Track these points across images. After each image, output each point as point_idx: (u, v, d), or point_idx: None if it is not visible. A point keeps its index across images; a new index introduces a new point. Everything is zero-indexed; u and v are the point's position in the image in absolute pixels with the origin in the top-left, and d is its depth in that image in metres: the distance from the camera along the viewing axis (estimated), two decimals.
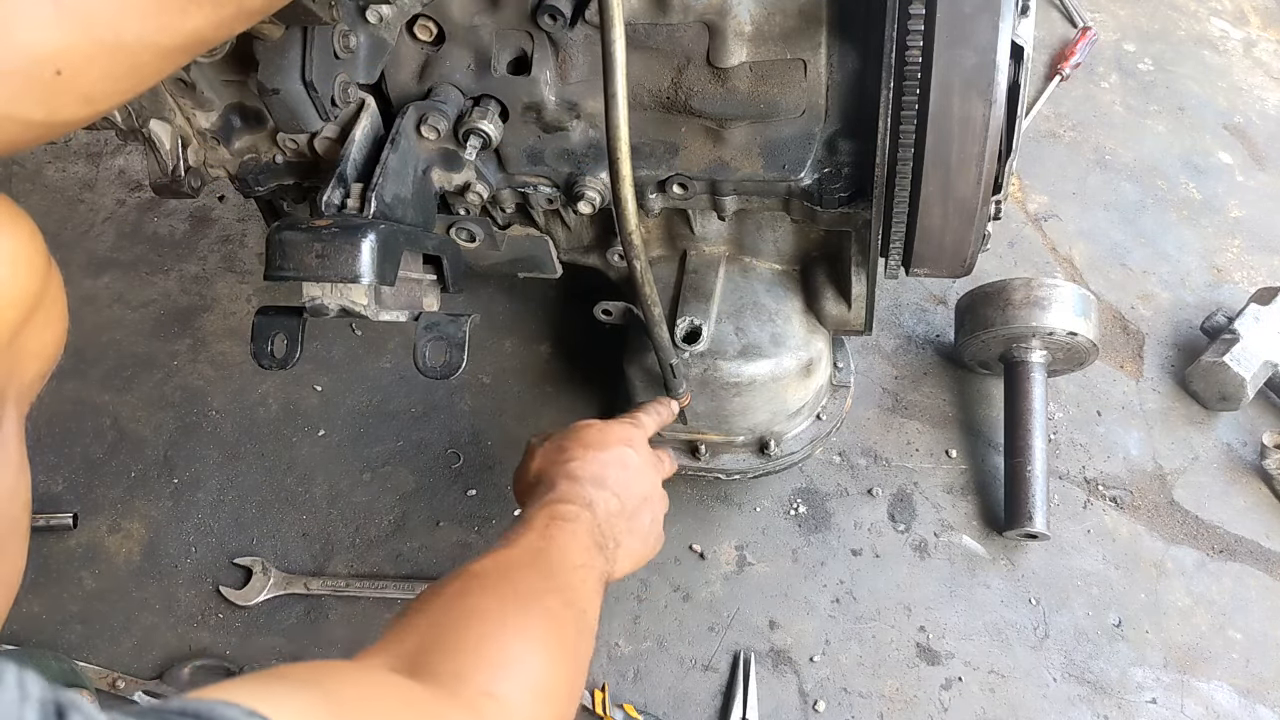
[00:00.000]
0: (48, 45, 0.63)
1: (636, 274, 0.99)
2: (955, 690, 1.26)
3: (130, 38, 0.66)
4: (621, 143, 0.87)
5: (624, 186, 0.91)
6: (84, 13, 0.63)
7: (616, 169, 0.89)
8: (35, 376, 0.82)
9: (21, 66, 0.63)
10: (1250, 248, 1.66)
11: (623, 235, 0.95)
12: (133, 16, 0.66)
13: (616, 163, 0.88)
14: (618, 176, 0.89)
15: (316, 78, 0.98)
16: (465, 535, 1.38)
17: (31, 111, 0.65)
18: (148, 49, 0.68)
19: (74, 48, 0.64)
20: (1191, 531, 1.38)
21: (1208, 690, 1.26)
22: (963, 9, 0.85)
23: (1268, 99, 1.88)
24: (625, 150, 0.87)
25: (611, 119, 0.86)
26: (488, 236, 1.19)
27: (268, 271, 0.88)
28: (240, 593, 1.33)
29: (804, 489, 1.41)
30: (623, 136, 0.86)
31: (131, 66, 0.69)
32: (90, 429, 1.48)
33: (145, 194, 1.76)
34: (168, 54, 0.71)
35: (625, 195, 0.91)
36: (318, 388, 1.52)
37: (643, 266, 0.99)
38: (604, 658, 1.29)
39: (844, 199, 1.04)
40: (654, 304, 1.03)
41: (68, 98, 0.66)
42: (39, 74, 0.63)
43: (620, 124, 0.86)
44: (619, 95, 0.84)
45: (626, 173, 0.89)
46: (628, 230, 0.95)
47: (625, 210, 0.93)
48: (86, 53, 0.65)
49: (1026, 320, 1.34)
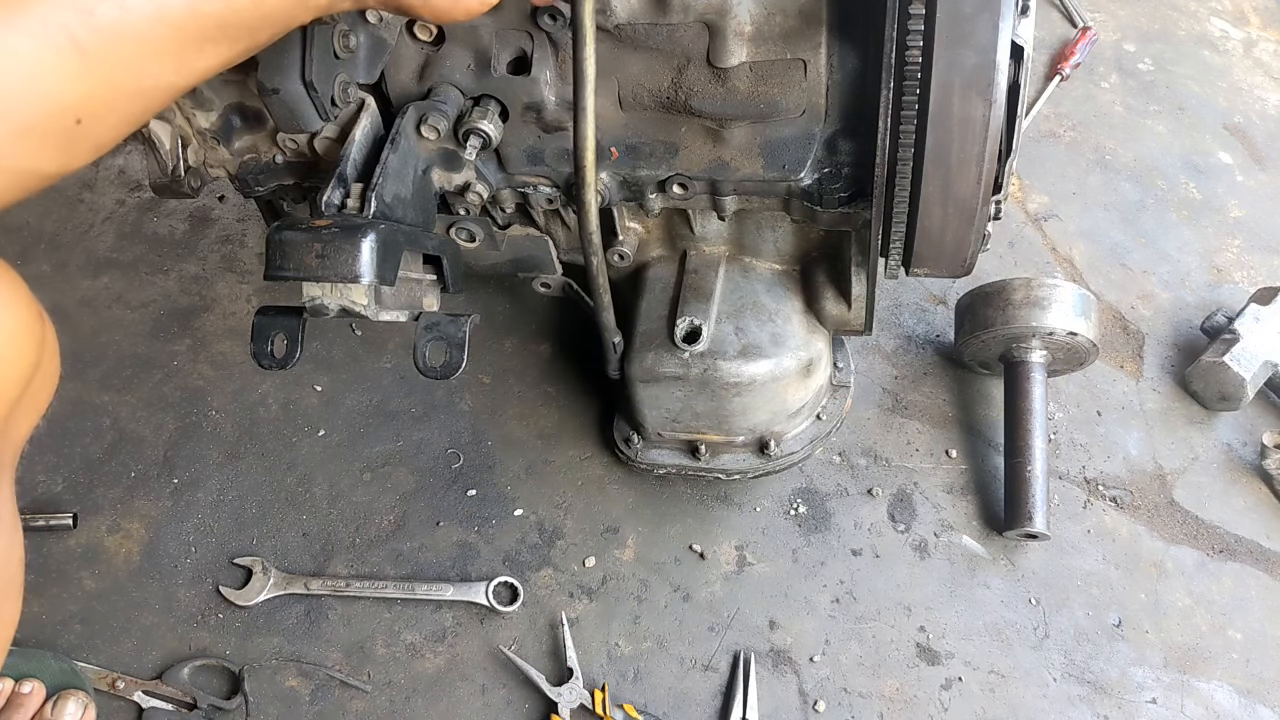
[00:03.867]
0: (73, 96, 0.61)
1: (594, 268, 1.09)
2: (955, 690, 1.26)
3: (149, 82, 0.66)
4: (587, 148, 0.94)
5: (587, 192, 0.98)
6: (110, 61, 0.62)
7: (583, 176, 0.95)
8: (27, 431, 0.81)
9: (44, 120, 0.61)
10: (1250, 248, 1.66)
11: (583, 232, 1.04)
12: (155, 60, 0.65)
13: (583, 170, 0.95)
14: (583, 184, 0.97)
15: (316, 78, 0.98)
16: (465, 535, 1.38)
17: (47, 164, 0.64)
18: (163, 90, 0.68)
19: (97, 97, 0.63)
20: (1191, 531, 1.38)
21: (1208, 690, 1.26)
22: (963, 9, 0.85)
23: (1268, 99, 1.88)
24: (590, 158, 0.95)
25: (580, 131, 0.93)
26: (488, 236, 1.19)
27: (268, 271, 0.88)
28: (240, 593, 1.33)
29: (804, 489, 1.41)
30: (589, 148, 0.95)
31: (146, 109, 0.68)
32: (90, 429, 1.48)
33: (145, 194, 1.76)
34: (179, 92, 0.70)
35: (588, 200, 0.99)
36: (318, 388, 1.52)
37: (599, 261, 1.09)
38: (604, 658, 1.29)
39: (844, 199, 1.04)
40: (604, 290, 1.13)
41: (83, 146, 0.65)
42: (60, 126, 0.62)
43: (587, 136, 0.94)
44: (588, 109, 0.91)
45: (590, 180, 0.97)
46: (589, 229, 1.03)
47: (587, 210, 1.00)
48: (108, 100, 0.64)
49: (1026, 320, 1.34)
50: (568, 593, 1.34)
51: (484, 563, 1.36)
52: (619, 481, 1.42)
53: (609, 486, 1.42)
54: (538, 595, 1.33)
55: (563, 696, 1.24)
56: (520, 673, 1.26)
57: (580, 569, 1.35)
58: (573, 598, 1.33)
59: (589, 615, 1.32)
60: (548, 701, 1.24)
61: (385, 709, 1.26)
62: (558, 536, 1.38)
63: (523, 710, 1.26)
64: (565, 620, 1.30)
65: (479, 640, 1.30)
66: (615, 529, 1.38)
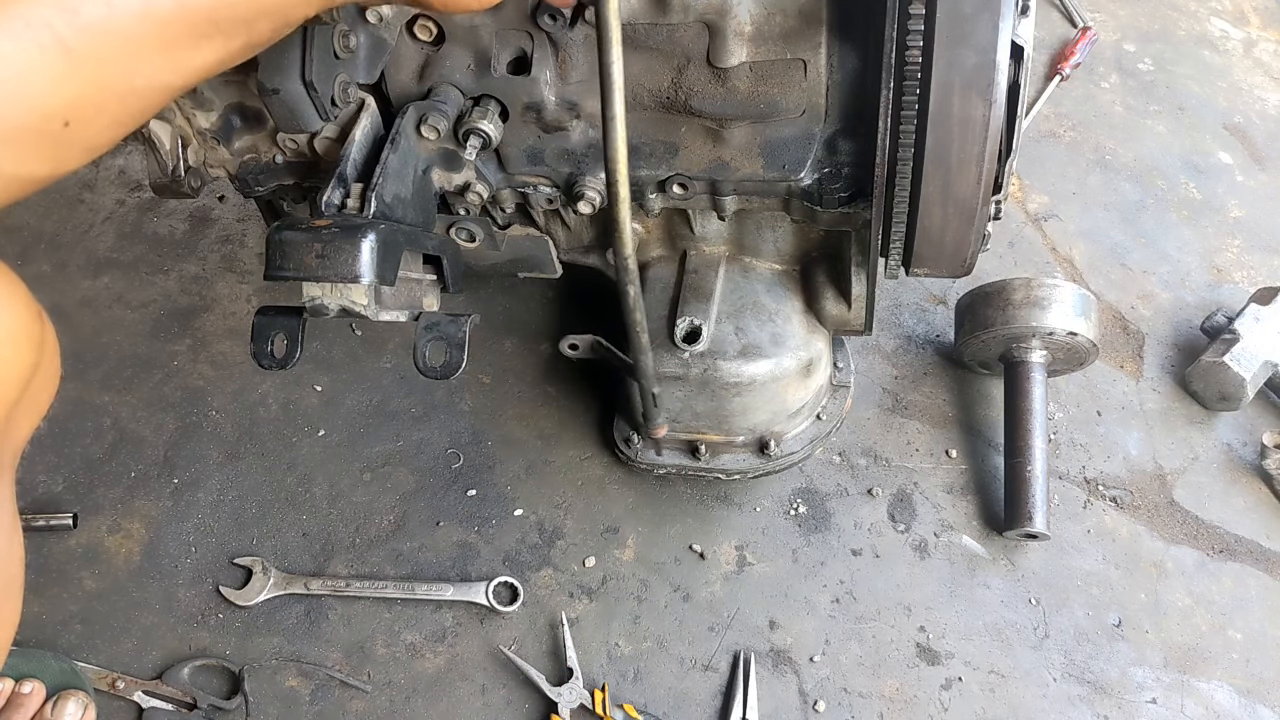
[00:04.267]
0: (59, 98, 0.59)
1: (629, 299, 0.95)
2: (955, 690, 1.26)
3: (141, 81, 0.63)
4: (619, 164, 0.83)
5: (621, 209, 0.87)
6: (97, 60, 0.60)
7: (615, 191, 0.85)
8: (28, 432, 0.80)
9: (31, 123, 0.59)
10: (1250, 248, 1.66)
11: (618, 259, 0.91)
12: (145, 58, 0.63)
13: (615, 185, 0.85)
14: (615, 200, 0.86)
15: (316, 78, 0.98)
16: (465, 535, 1.38)
17: (36, 168, 0.62)
18: (156, 90, 0.65)
19: (85, 98, 0.61)
20: (1191, 531, 1.38)
21: (1208, 690, 1.26)
22: (963, 9, 0.85)
23: (1268, 99, 1.88)
24: (623, 173, 0.84)
25: (610, 141, 0.82)
26: (488, 236, 1.19)
27: (268, 271, 0.88)
28: (240, 593, 1.33)
29: (804, 489, 1.41)
30: (620, 158, 0.83)
31: (139, 109, 0.66)
32: (90, 429, 1.48)
33: (145, 194, 1.76)
34: (175, 92, 0.68)
35: (622, 218, 0.87)
36: (318, 388, 1.52)
37: (635, 293, 0.95)
38: (604, 658, 1.29)
39: (844, 199, 1.04)
40: (642, 330, 0.99)
41: (74, 149, 0.63)
42: (47, 129, 0.60)
43: (619, 147, 0.82)
44: (617, 116, 0.81)
45: (624, 195, 0.86)
46: (624, 254, 0.91)
47: (622, 233, 0.89)
48: (97, 102, 0.62)
49: (1026, 320, 1.34)
50: (568, 593, 1.34)
51: (484, 563, 1.36)
52: (619, 481, 1.42)
53: (609, 486, 1.42)
54: (538, 595, 1.33)
55: (563, 696, 1.24)
56: (520, 673, 1.26)
57: (580, 569, 1.35)
58: (573, 598, 1.33)
59: (589, 615, 1.32)
60: (548, 701, 1.24)
61: (385, 709, 1.26)
62: (558, 536, 1.38)
63: (523, 710, 1.26)
64: (565, 620, 1.30)
65: (479, 640, 1.30)
66: (615, 529, 1.38)
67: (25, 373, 0.71)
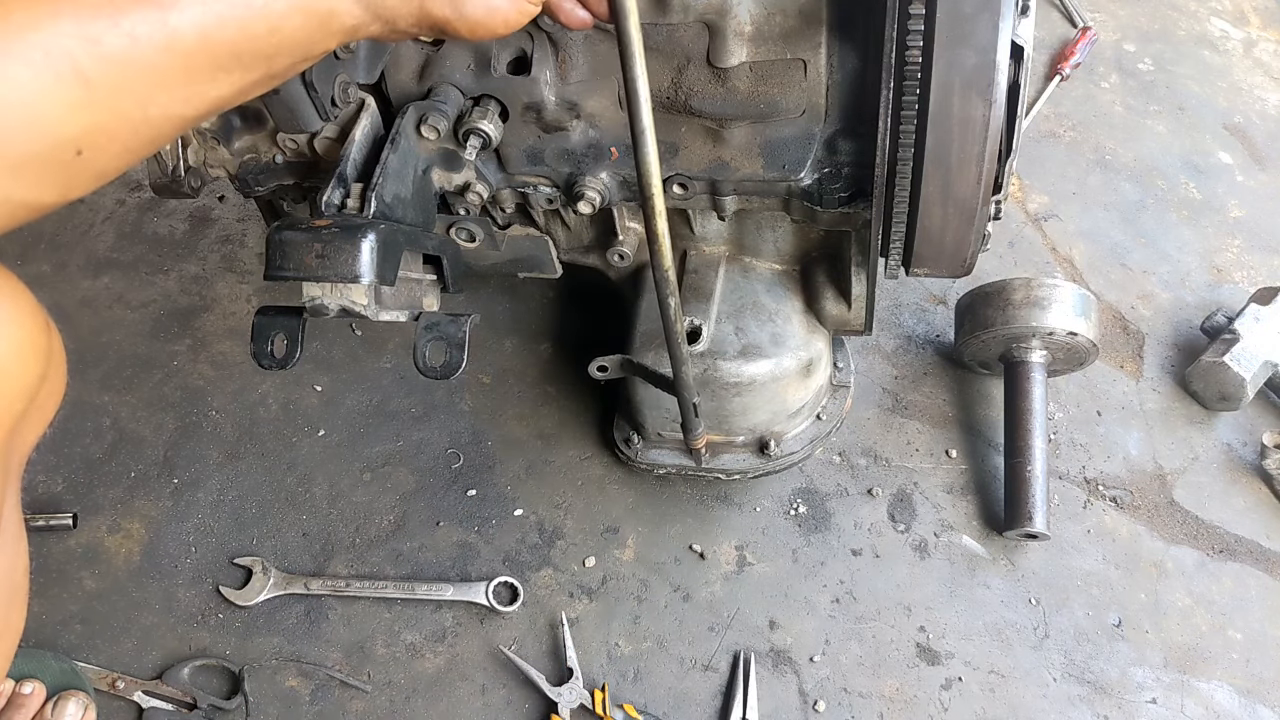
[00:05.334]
0: (73, 127, 0.59)
1: (670, 311, 0.94)
2: (955, 690, 1.26)
3: (156, 112, 0.63)
4: (653, 177, 0.82)
5: (658, 222, 0.85)
6: (115, 91, 0.60)
7: (651, 205, 0.84)
8: (34, 440, 0.79)
9: (43, 151, 0.59)
10: (1250, 248, 1.66)
11: (657, 272, 0.90)
12: (163, 90, 0.62)
13: (650, 198, 0.83)
14: (652, 213, 0.85)
15: (316, 78, 0.98)
16: (465, 535, 1.38)
17: (45, 195, 0.62)
18: (170, 121, 0.65)
19: (99, 127, 0.60)
20: (1191, 531, 1.38)
21: (1208, 690, 1.26)
22: (963, 9, 0.85)
23: (1268, 99, 1.88)
24: (658, 186, 0.83)
25: (641, 155, 0.81)
26: (488, 236, 1.19)
27: (268, 271, 0.88)
28: (240, 593, 1.33)
29: (804, 489, 1.41)
30: (653, 171, 0.82)
31: (151, 139, 0.65)
32: (90, 429, 1.48)
33: (145, 194, 1.76)
34: (190, 122, 0.68)
35: (660, 230, 0.86)
36: (318, 388, 1.52)
37: (676, 304, 0.93)
38: (604, 658, 1.29)
39: (844, 199, 1.04)
40: (682, 341, 0.99)
41: (84, 177, 0.63)
42: (59, 157, 0.60)
43: (650, 160, 0.81)
44: (646, 130, 0.79)
45: (660, 207, 0.84)
46: (664, 267, 0.89)
47: (661, 245, 0.88)
48: (111, 131, 0.61)
49: (1026, 320, 1.34)
50: (568, 593, 1.34)
51: (484, 563, 1.36)
52: (619, 481, 1.42)
53: (609, 486, 1.42)
54: (538, 595, 1.33)
55: (563, 696, 1.24)
56: (520, 673, 1.26)
57: (580, 569, 1.35)
58: (573, 598, 1.33)
59: (589, 615, 1.32)
60: (548, 701, 1.24)
61: (385, 709, 1.26)
62: (558, 536, 1.38)
63: (523, 710, 1.26)
64: (565, 620, 1.30)
65: (479, 640, 1.30)
66: (615, 529, 1.38)
67: (33, 384, 0.71)
